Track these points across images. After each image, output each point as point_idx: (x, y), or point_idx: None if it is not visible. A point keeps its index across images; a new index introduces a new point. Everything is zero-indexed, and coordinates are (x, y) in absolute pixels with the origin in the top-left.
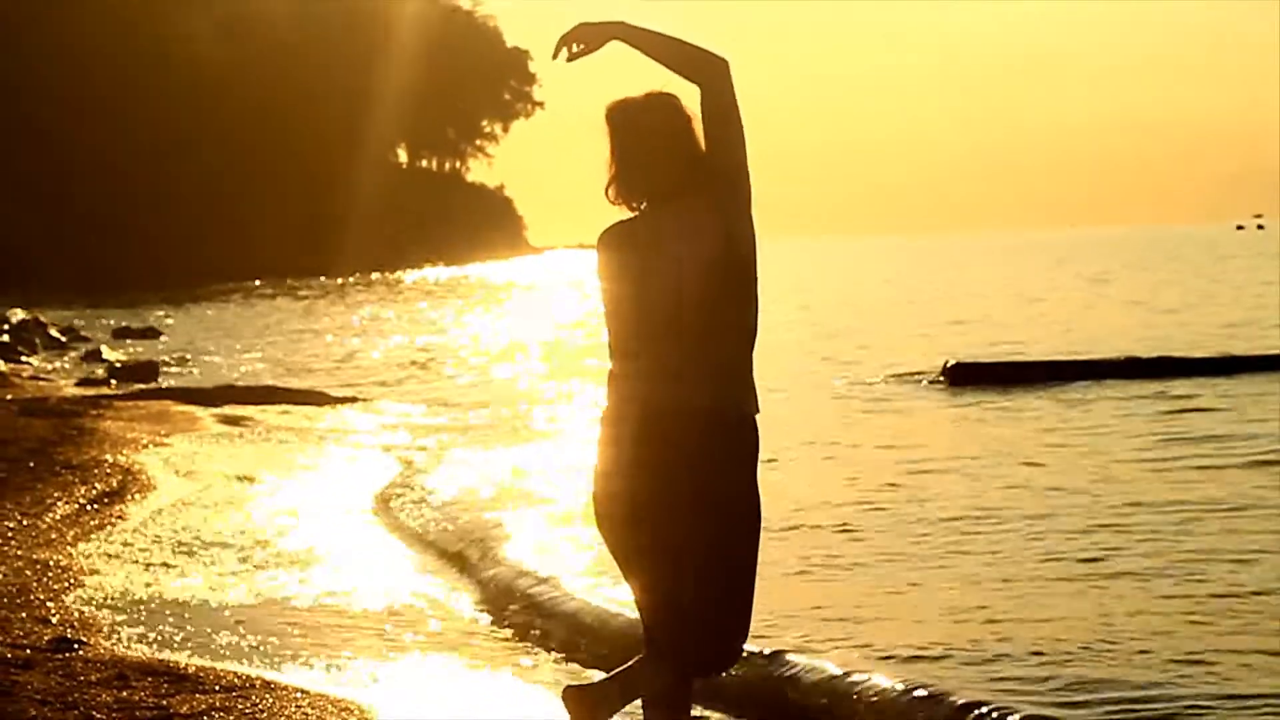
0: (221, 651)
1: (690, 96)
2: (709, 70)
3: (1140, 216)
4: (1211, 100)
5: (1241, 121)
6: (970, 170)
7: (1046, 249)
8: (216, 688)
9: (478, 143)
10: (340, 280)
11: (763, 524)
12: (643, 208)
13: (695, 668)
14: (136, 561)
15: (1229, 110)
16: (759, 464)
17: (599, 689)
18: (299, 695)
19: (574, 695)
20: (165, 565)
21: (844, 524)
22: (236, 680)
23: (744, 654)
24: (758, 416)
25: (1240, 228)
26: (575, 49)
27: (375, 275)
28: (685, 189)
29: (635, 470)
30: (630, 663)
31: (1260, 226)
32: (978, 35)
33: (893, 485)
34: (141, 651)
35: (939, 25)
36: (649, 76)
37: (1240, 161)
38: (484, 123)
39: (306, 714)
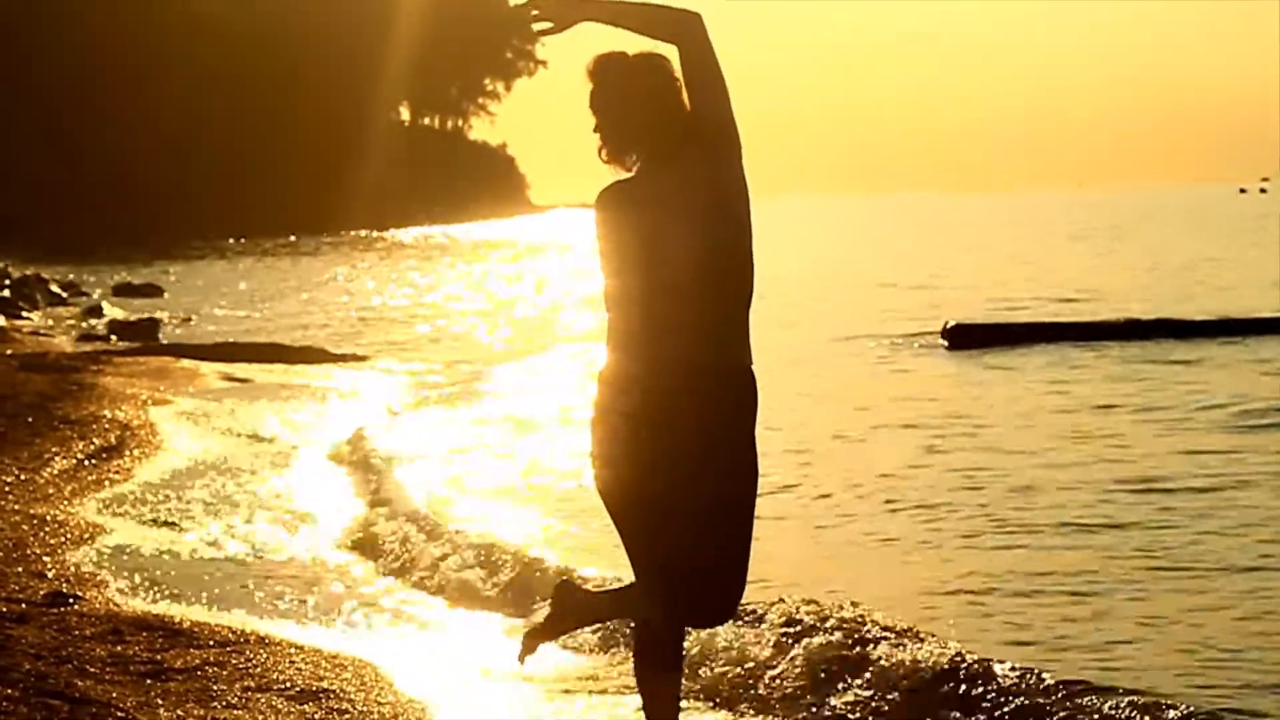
0: (216, 607)
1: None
2: (683, 28)
3: (1145, 177)
4: (1220, 61)
5: (1250, 83)
6: (974, 131)
7: (1049, 209)
8: (211, 642)
9: (480, 101)
10: (343, 238)
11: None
12: (636, 166)
13: (703, 619)
14: (134, 517)
15: (1237, 71)
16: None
17: (589, 596)
18: (293, 650)
19: (565, 589)
20: (162, 520)
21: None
22: (230, 635)
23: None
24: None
25: (1243, 190)
26: (543, 26)
27: (378, 234)
28: (677, 147)
29: (659, 428)
30: (626, 585)
31: (1263, 190)
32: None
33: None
34: (137, 606)
35: None
36: None
37: (1248, 123)
38: (486, 81)
39: (300, 669)
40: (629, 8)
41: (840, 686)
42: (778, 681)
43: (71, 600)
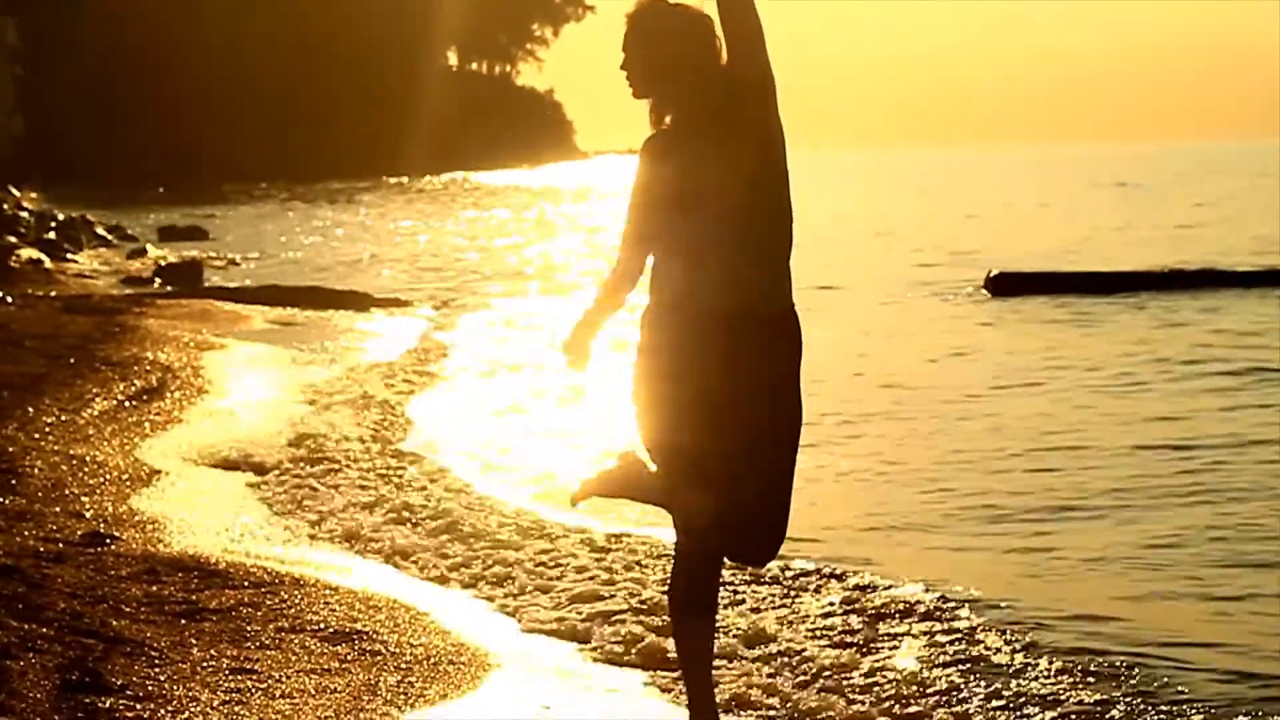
0: (253, 548)
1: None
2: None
3: (1185, 131)
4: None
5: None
6: (1008, 84)
7: (1085, 162)
8: (246, 583)
9: (528, 46)
10: (389, 183)
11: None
12: (673, 119)
13: (753, 559)
14: (174, 457)
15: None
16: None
17: (650, 476)
18: (328, 591)
19: (632, 458)
20: (201, 461)
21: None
22: (266, 576)
23: None
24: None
25: None
26: None
27: (425, 179)
28: (714, 98)
29: (703, 368)
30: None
31: None
32: None
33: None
34: (174, 546)
35: None
36: None
37: None
38: (534, 26)
39: (334, 610)
40: None
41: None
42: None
43: (108, 540)
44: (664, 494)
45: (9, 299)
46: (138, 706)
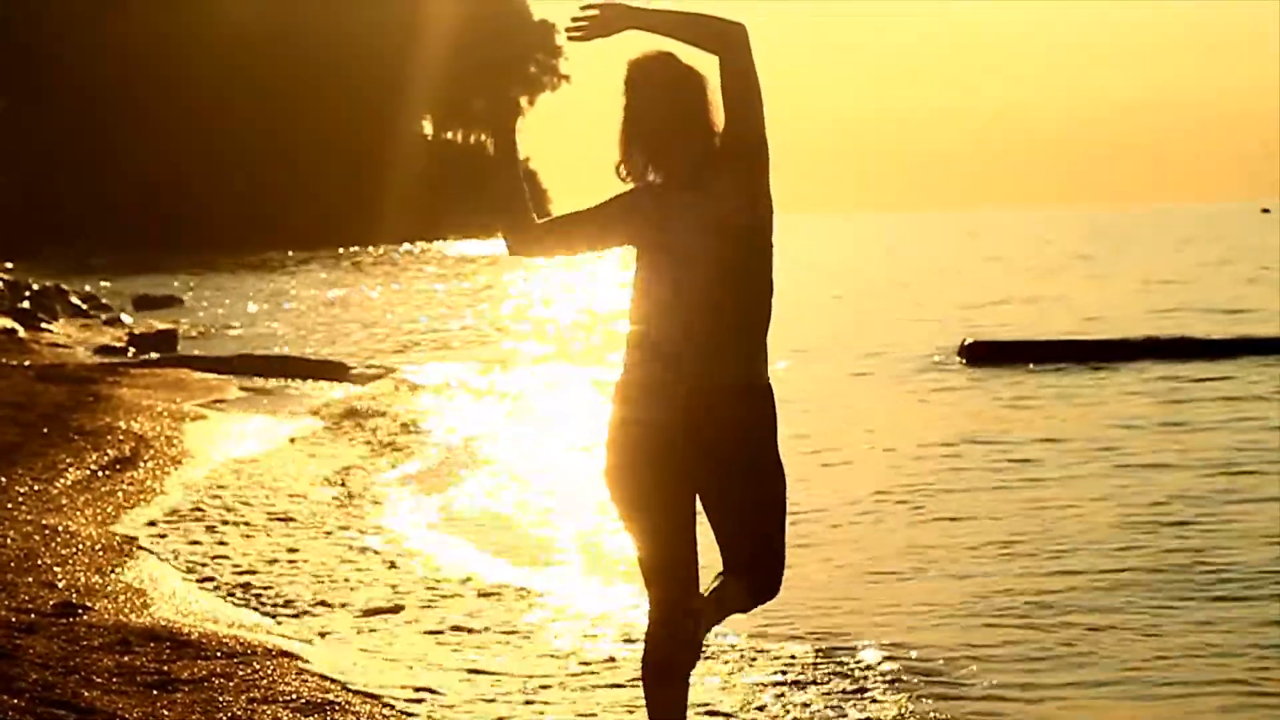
0: (226, 618)
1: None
2: (727, 40)
3: (1164, 195)
4: (1240, 78)
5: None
6: (986, 148)
7: (1063, 226)
8: (218, 654)
9: None
10: (364, 253)
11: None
12: (657, 180)
13: (757, 598)
14: (146, 527)
15: (1258, 88)
16: None
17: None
18: (301, 662)
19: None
20: (175, 531)
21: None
22: (238, 646)
23: None
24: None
25: (1266, 210)
26: (583, 32)
27: (399, 248)
28: (707, 164)
29: (678, 441)
30: (717, 584)
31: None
32: (997, 15)
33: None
34: (146, 617)
35: (926, 8)
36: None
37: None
38: (510, 95)
39: (306, 680)
40: (674, 17)
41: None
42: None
43: (80, 610)
44: (719, 606)
45: None
46: None
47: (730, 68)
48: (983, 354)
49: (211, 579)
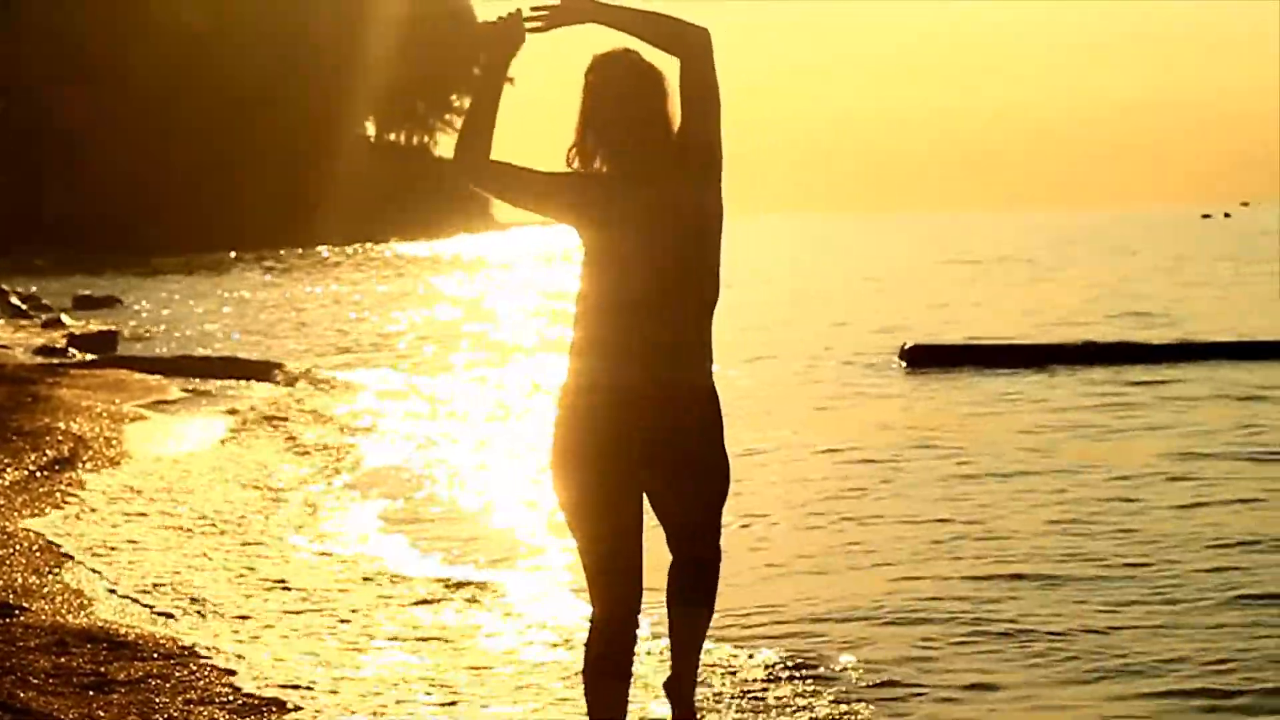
0: (162, 620)
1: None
2: (689, 42)
3: (1117, 201)
4: (1199, 83)
5: (1227, 106)
6: (942, 153)
7: (1015, 230)
8: (155, 655)
9: (446, 117)
10: (306, 254)
11: None
12: (604, 170)
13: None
14: (84, 528)
15: (1216, 94)
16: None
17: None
18: (237, 661)
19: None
20: (114, 532)
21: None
22: (175, 648)
23: None
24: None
25: (1207, 216)
26: (543, 21)
27: (342, 250)
28: (659, 161)
29: (618, 440)
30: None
31: (1227, 215)
32: (960, 20)
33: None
34: (84, 618)
35: (923, 9)
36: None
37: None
38: (454, 97)
39: (240, 683)
40: (637, 15)
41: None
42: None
43: (17, 611)
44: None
45: None
46: None
47: (689, 71)
48: (922, 357)
49: (142, 584)
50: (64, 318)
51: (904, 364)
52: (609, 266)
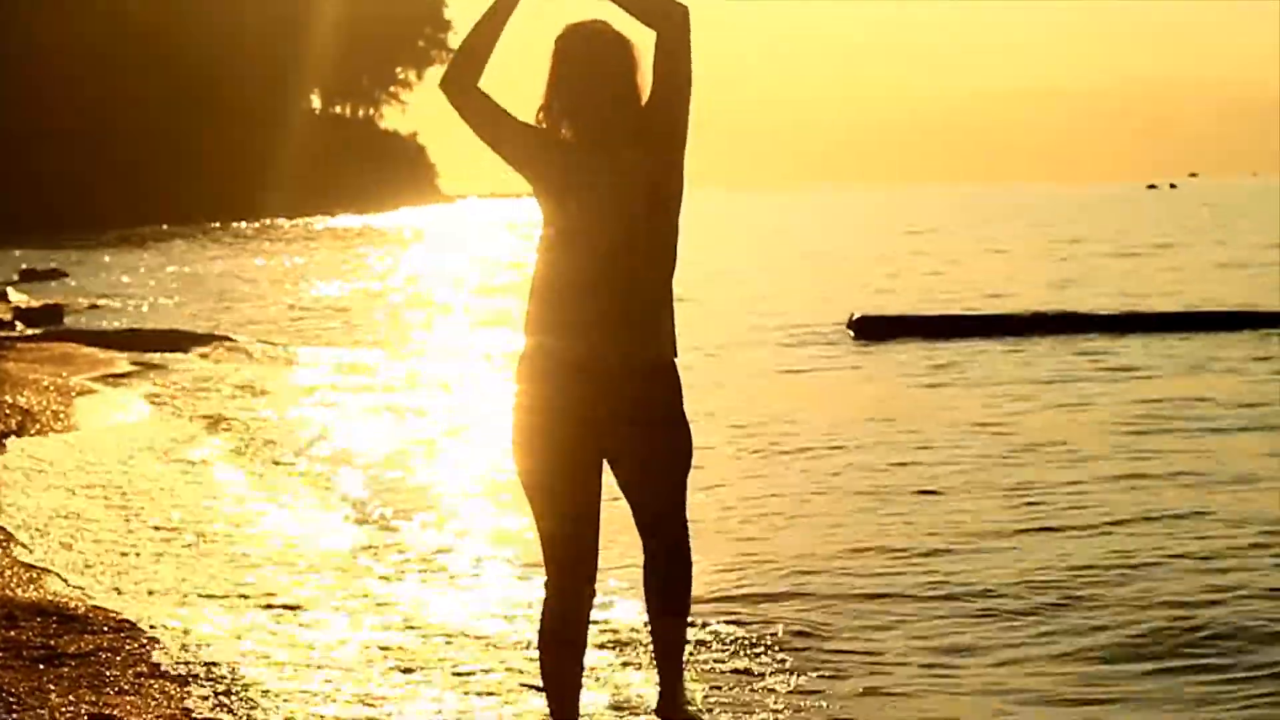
0: (113, 593)
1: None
2: (668, 15)
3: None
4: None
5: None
6: (898, 129)
7: (966, 204)
8: (105, 628)
9: (392, 90)
10: (251, 226)
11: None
12: (568, 135)
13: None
14: (31, 501)
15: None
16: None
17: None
18: (184, 634)
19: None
20: (63, 506)
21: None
22: (125, 622)
23: None
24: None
25: (1152, 187)
26: None
27: (287, 222)
28: (622, 131)
29: (576, 416)
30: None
31: (1173, 186)
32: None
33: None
34: (33, 592)
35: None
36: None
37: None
38: (398, 70)
39: (193, 653)
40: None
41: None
42: None
43: None
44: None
45: None
46: None
47: (664, 45)
48: (871, 328)
49: (88, 557)
50: (9, 291)
51: (852, 334)
52: (565, 237)
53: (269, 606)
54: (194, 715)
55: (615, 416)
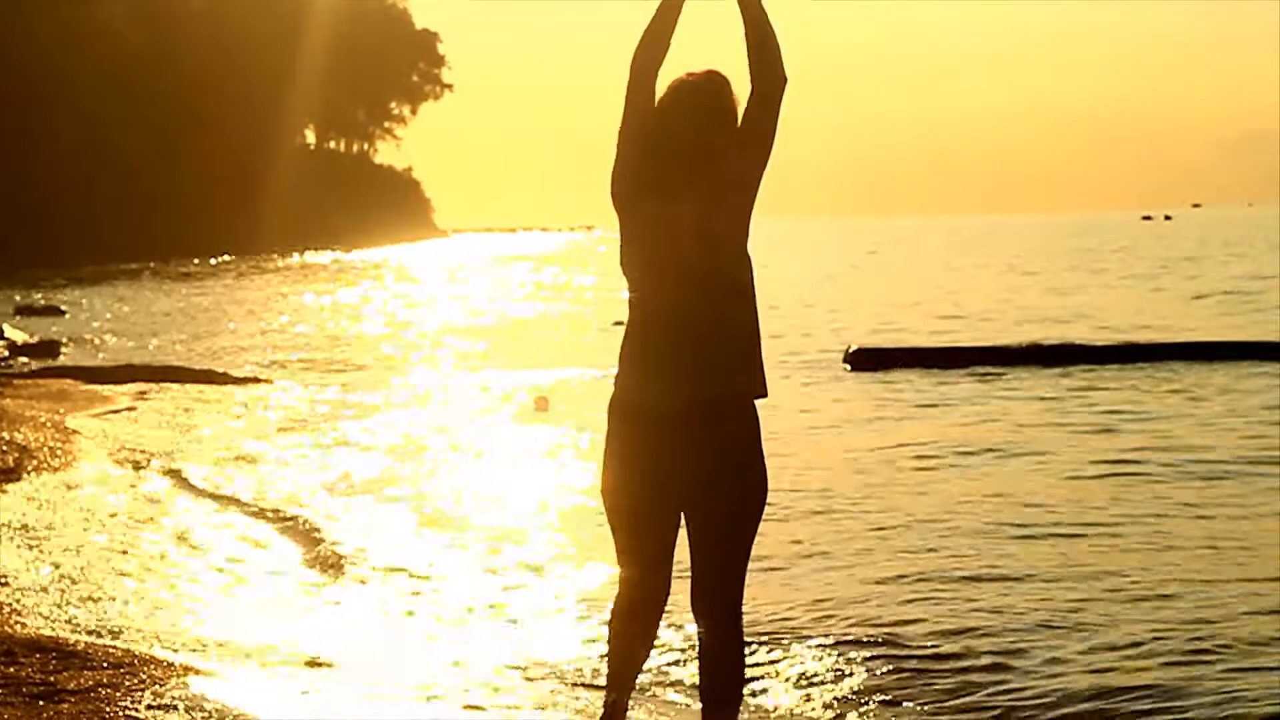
0: (112, 629)
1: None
2: (772, 79)
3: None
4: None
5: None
6: (895, 159)
7: (961, 235)
8: (105, 664)
9: (386, 125)
10: (247, 261)
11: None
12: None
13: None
14: (30, 538)
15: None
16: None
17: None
18: (183, 670)
19: None
20: (60, 543)
21: None
22: (125, 657)
23: None
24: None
25: (1147, 218)
26: None
27: (282, 257)
28: (699, 185)
29: (656, 451)
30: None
31: (1168, 218)
32: (904, 32)
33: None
34: (31, 628)
35: (864, 22)
36: (561, 74)
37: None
38: (392, 105)
39: (191, 689)
40: (762, 14)
41: None
42: None
43: None
44: None
45: None
46: None
47: (757, 108)
48: (867, 360)
49: (86, 593)
50: (5, 327)
51: (848, 367)
52: (651, 279)
53: (273, 647)
54: None
55: (683, 463)
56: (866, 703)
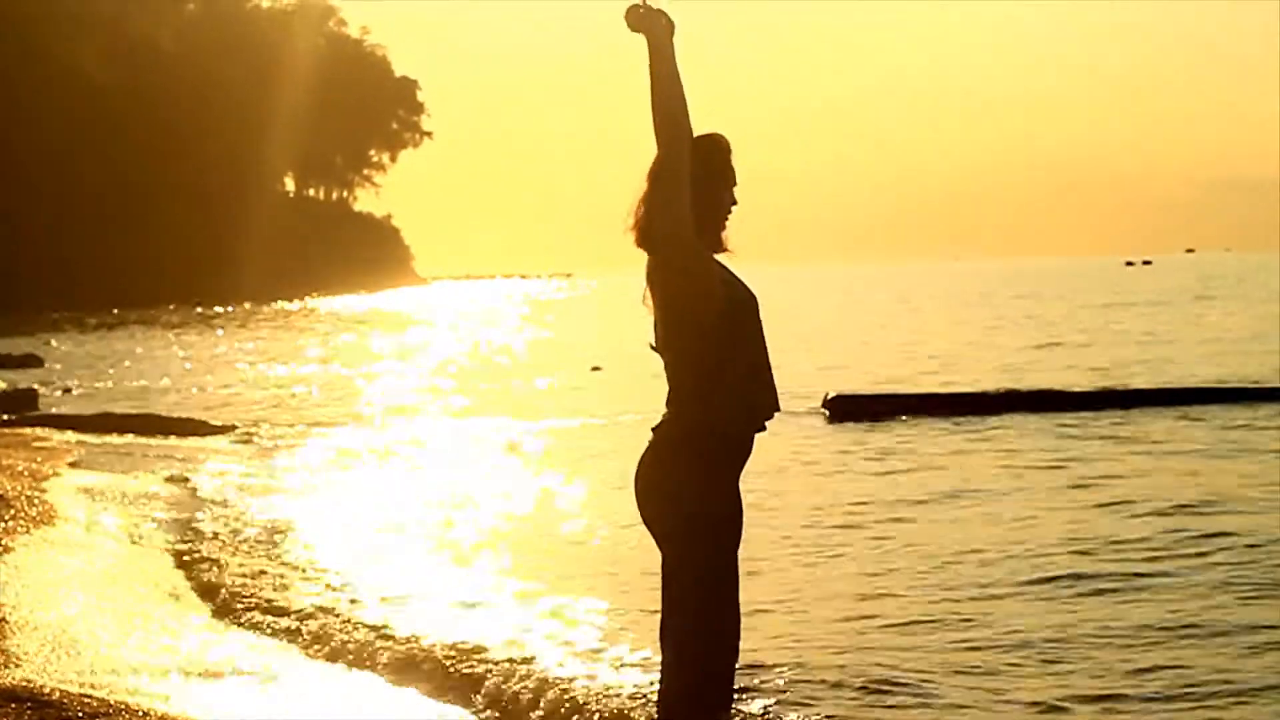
0: (87, 678)
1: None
2: (676, 137)
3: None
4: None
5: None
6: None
7: (939, 280)
8: (80, 713)
9: (365, 172)
10: (226, 310)
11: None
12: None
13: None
14: (6, 587)
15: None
16: None
17: None
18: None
19: None
20: (32, 591)
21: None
22: (99, 706)
23: None
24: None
25: (1129, 264)
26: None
27: (261, 305)
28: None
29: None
30: None
31: (1146, 262)
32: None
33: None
34: (7, 678)
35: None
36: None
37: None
38: (372, 152)
39: None
40: (671, 76)
41: None
42: None
43: None
44: None
45: None
46: None
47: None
48: (844, 407)
49: (65, 642)
50: None
51: (826, 414)
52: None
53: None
54: None
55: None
56: None
